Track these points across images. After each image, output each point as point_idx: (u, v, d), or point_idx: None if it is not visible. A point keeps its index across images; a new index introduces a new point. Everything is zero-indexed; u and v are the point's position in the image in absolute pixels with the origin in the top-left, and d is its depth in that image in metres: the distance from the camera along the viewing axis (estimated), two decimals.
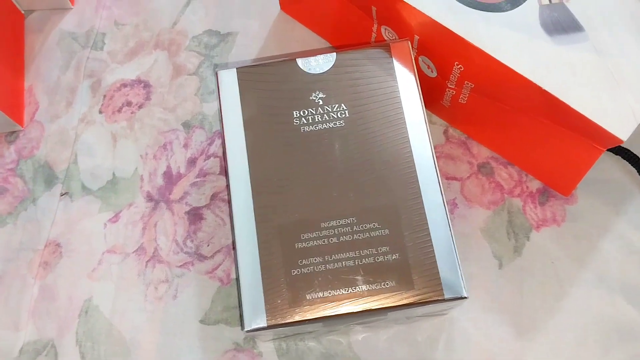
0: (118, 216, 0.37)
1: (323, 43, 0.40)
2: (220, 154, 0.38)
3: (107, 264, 0.36)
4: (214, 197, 0.37)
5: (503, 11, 0.30)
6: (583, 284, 0.34)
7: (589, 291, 0.34)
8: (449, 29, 0.30)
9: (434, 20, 0.30)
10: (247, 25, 0.41)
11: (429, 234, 0.28)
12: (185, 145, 0.38)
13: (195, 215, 0.36)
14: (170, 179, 0.37)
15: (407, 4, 0.31)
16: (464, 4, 0.31)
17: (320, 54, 0.32)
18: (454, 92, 0.34)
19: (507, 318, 0.34)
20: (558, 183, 0.36)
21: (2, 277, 0.36)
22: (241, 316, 0.28)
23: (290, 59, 0.32)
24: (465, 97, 0.34)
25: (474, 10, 0.30)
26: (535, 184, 0.37)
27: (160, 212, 0.37)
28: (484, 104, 0.34)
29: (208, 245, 0.36)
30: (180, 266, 0.35)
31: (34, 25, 0.42)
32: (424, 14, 0.30)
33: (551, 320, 0.34)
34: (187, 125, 0.38)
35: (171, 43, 0.40)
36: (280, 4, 0.40)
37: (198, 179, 0.37)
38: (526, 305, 0.34)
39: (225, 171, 0.31)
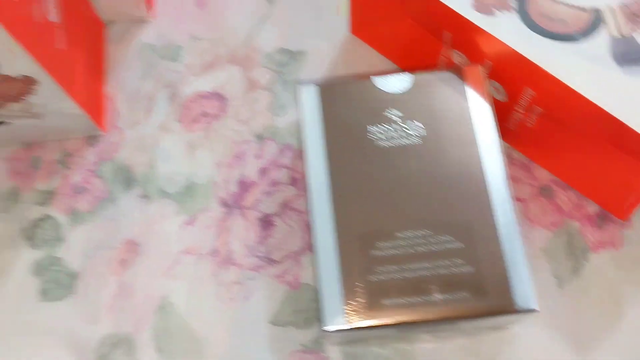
0: (193, 219, 0.39)
1: (389, 65, 0.42)
2: (290, 165, 0.40)
3: (183, 264, 0.38)
4: (284, 205, 0.39)
5: (575, 41, 0.32)
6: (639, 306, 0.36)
7: None
8: (524, 56, 0.32)
9: (510, 48, 0.32)
10: (317, 45, 0.43)
11: (501, 249, 0.30)
12: (258, 156, 0.40)
13: (266, 222, 0.38)
14: (244, 186, 0.39)
15: (485, 31, 0.32)
16: (538, 33, 0.32)
17: (393, 74, 0.34)
18: (522, 115, 0.36)
19: (566, 336, 0.35)
20: (616, 207, 0.37)
21: (81, 273, 0.38)
22: (320, 318, 0.29)
23: (367, 78, 0.34)
24: (532, 121, 0.36)
25: (547, 39, 0.32)
26: (593, 208, 0.38)
27: (233, 217, 0.39)
28: (550, 128, 0.35)
29: (278, 251, 0.38)
30: (252, 269, 0.37)
31: (115, 36, 0.44)
32: (500, 41, 0.32)
33: (608, 340, 0.35)
34: (259, 137, 0.40)
35: (246, 59, 0.43)
36: (350, 27, 0.43)
37: (269, 188, 0.39)
38: (584, 325, 0.36)
39: (305, 180, 0.33)
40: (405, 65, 0.41)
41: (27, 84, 0.34)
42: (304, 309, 0.36)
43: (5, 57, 0.31)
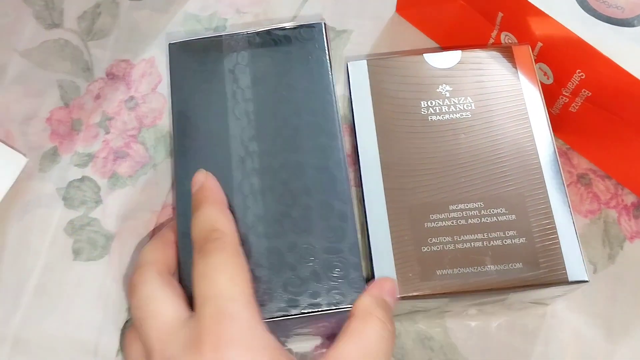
0: None
1: (433, 45, 0.42)
2: None
3: None
4: None
5: (632, 26, 0.32)
6: None
7: None
8: (578, 37, 0.32)
9: (565, 27, 0.32)
10: (361, 24, 0.43)
11: (553, 221, 0.30)
12: None
13: None
14: None
15: (541, 11, 0.33)
16: (594, 17, 0.33)
17: (443, 51, 0.35)
18: (567, 99, 0.36)
19: (600, 321, 0.36)
20: None
21: (118, 234, 0.38)
22: None
23: (418, 54, 0.35)
24: (577, 106, 0.36)
25: (603, 23, 0.33)
26: (630, 198, 0.38)
27: None
28: (595, 113, 0.36)
29: None
30: None
31: (160, 5, 0.44)
32: (555, 20, 0.32)
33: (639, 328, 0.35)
34: None
35: None
36: (397, 7, 0.43)
37: None
38: (618, 310, 0.36)
39: (355, 154, 0.33)
40: (450, 46, 0.42)
41: None
42: None
43: None
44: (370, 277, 0.30)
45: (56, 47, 0.43)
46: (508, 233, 0.30)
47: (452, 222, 0.30)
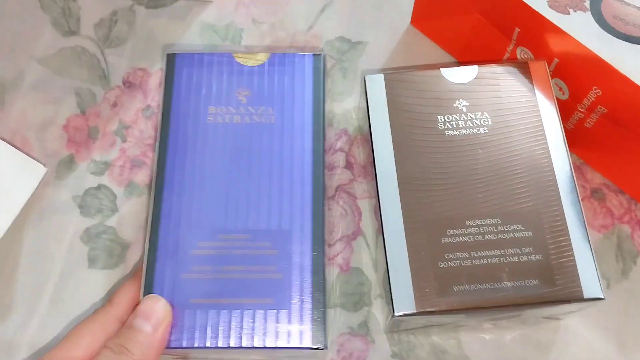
0: None
1: (448, 58, 0.43)
2: (346, 149, 0.40)
3: None
4: (338, 188, 0.39)
5: None
6: None
7: None
8: (596, 54, 0.32)
9: (583, 46, 0.33)
10: (377, 36, 0.43)
11: (569, 238, 0.30)
12: None
13: None
14: None
15: (559, 28, 0.33)
16: (611, 34, 0.33)
17: (460, 65, 0.35)
18: (582, 115, 0.36)
19: (612, 336, 0.36)
20: None
21: (135, 242, 0.38)
22: (391, 302, 0.30)
23: (436, 68, 0.35)
24: (592, 122, 0.36)
25: (620, 40, 0.33)
26: None
27: None
28: (610, 129, 0.36)
29: (330, 234, 0.38)
30: None
31: (178, 13, 0.45)
32: (573, 38, 0.33)
33: None
34: None
35: (306, 44, 0.43)
36: (412, 19, 0.43)
37: (325, 172, 0.39)
38: (631, 326, 0.36)
39: (372, 167, 0.33)
40: (465, 59, 0.42)
41: None
42: (353, 293, 0.37)
43: None
44: (389, 292, 0.30)
45: (73, 55, 0.43)
46: (524, 249, 0.30)
47: (469, 238, 0.30)
